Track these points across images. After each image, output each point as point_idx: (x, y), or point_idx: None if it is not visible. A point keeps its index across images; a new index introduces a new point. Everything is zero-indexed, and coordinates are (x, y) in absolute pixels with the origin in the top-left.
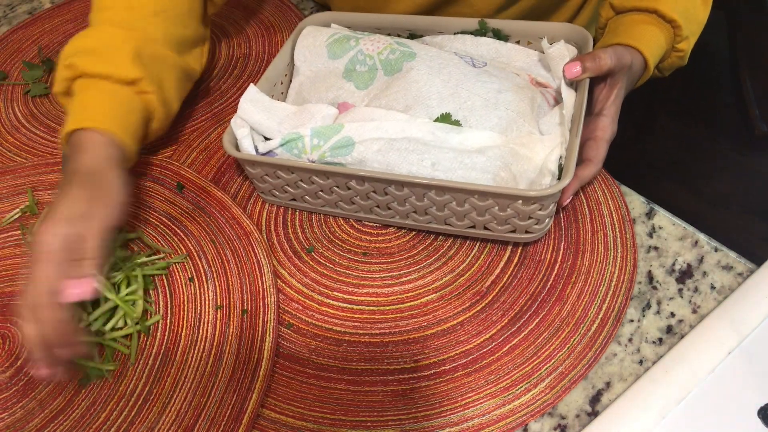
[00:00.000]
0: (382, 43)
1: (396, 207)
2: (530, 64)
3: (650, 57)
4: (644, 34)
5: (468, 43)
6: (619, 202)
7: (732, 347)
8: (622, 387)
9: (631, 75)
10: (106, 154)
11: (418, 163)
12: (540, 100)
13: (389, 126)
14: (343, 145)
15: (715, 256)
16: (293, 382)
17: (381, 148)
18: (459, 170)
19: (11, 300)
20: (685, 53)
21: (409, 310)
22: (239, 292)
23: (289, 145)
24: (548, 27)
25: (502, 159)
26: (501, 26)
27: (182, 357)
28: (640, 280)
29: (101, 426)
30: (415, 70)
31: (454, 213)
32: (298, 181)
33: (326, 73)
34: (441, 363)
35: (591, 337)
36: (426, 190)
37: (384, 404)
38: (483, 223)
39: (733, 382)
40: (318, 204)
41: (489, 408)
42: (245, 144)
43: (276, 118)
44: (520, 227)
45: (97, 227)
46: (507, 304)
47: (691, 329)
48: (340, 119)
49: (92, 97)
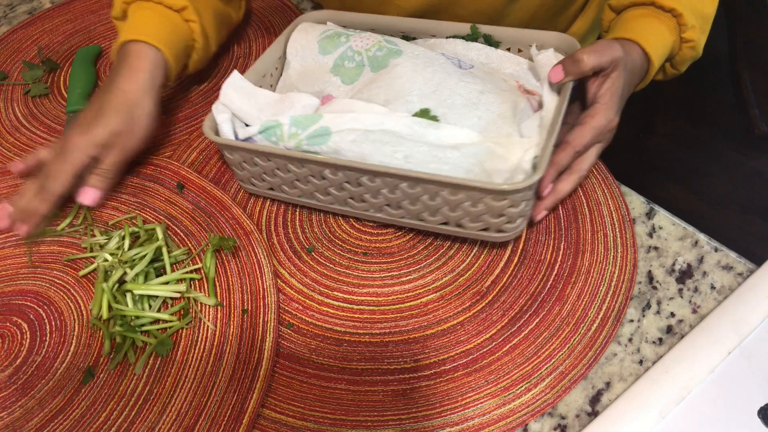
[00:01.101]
0: (372, 41)
1: (369, 199)
2: (520, 72)
3: (650, 47)
4: (642, 26)
5: (459, 47)
6: (619, 202)
7: (732, 347)
8: (622, 387)
9: (630, 68)
10: (149, 74)
11: (391, 155)
12: (524, 105)
13: (367, 118)
14: (319, 134)
15: (715, 256)
16: (294, 382)
17: (356, 139)
18: (432, 164)
19: (11, 300)
20: (695, 43)
21: (409, 309)
22: (239, 291)
23: (267, 132)
24: (538, 35)
25: (477, 156)
26: (492, 32)
27: (182, 357)
28: (640, 280)
29: (101, 426)
30: (400, 66)
31: (427, 207)
32: (275, 170)
33: (315, 67)
34: (441, 363)
35: (591, 337)
36: (398, 182)
37: (384, 404)
38: (455, 219)
39: (733, 382)
40: (294, 194)
41: (489, 408)
42: (225, 129)
43: (257, 105)
44: (492, 225)
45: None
46: (507, 303)
47: (691, 329)
48: (321, 110)
49: (146, 16)
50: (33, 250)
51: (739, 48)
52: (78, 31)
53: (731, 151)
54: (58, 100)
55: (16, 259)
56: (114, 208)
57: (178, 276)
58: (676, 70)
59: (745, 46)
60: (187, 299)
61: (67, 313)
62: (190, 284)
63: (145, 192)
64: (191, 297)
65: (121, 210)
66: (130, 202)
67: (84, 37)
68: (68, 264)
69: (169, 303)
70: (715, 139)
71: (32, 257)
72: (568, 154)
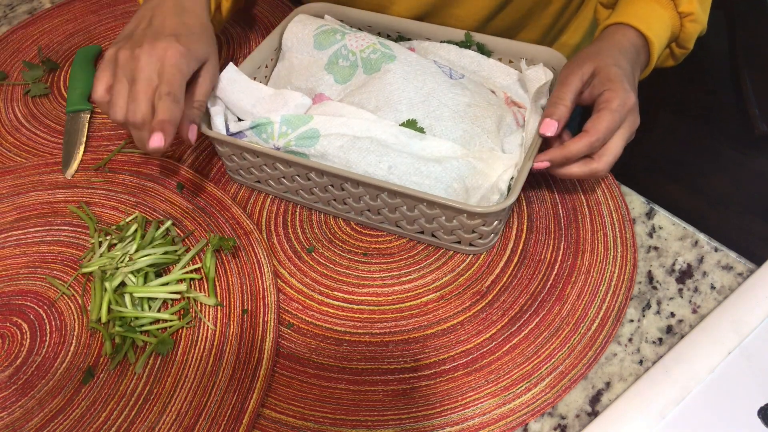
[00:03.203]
0: (366, 42)
1: (351, 203)
2: (509, 83)
3: (642, 26)
4: (633, 8)
5: (453, 53)
6: (619, 202)
7: (732, 347)
8: (622, 387)
9: (626, 50)
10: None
11: (375, 164)
12: (510, 119)
13: (355, 123)
14: (309, 136)
15: (715, 256)
16: (294, 382)
17: (343, 145)
18: (414, 176)
19: (11, 300)
20: (696, 15)
21: (409, 309)
22: (239, 291)
23: (258, 129)
24: (529, 48)
25: (458, 171)
26: (485, 41)
27: (182, 357)
28: (640, 280)
29: (101, 426)
30: (392, 73)
31: (405, 217)
32: (263, 165)
33: (310, 62)
34: (441, 362)
35: (591, 337)
36: (379, 192)
37: (384, 404)
38: (431, 230)
39: (733, 382)
40: (280, 189)
41: (489, 407)
42: (217, 122)
43: (251, 100)
44: (464, 239)
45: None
46: (507, 303)
47: (691, 329)
48: (312, 110)
49: None
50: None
51: (739, 48)
52: (78, 31)
53: (731, 151)
54: (58, 100)
55: (17, 259)
56: (113, 208)
57: (177, 276)
58: (684, 48)
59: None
60: (187, 299)
61: (67, 313)
62: (190, 284)
63: (145, 192)
64: (191, 297)
65: (120, 210)
66: (129, 202)
67: (84, 37)
68: (68, 264)
69: (169, 303)
70: (715, 139)
71: None
72: (583, 143)
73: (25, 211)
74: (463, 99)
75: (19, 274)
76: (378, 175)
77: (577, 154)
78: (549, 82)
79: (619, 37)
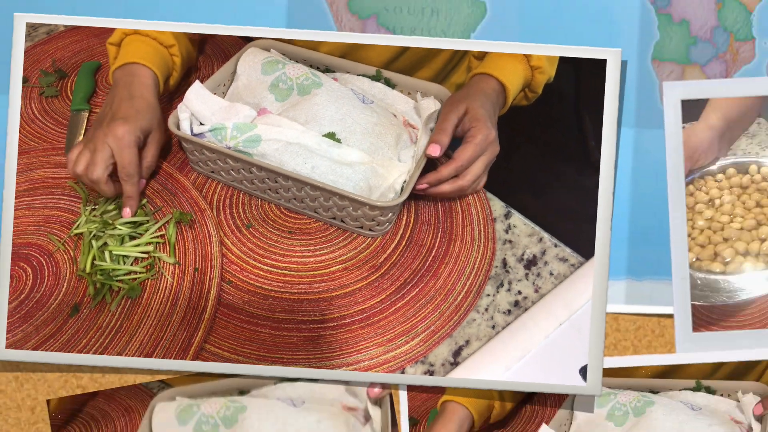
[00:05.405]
0: (301, 71)
1: (282, 193)
2: (407, 109)
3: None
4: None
5: (366, 84)
6: (485, 204)
7: (563, 320)
8: (478, 345)
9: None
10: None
11: (302, 164)
12: (405, 137)
13: (288, 132)
14: (253, 140)
15: (554, 251)
16: (230, 325)
17: (279, 148)
18: (330, 176)
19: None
20: (543, 68)
21: (320, 276)
22: (193, 254)
23: (215, 132)
24: (423, 84)
25: (364, 173)
26: (391, 77)
27: (147, 301)
28: (496, 265)
29: (83, 348)
30: (318, 96)
31: (322, 206)
32: (217, 160)
33: (257, 84)
34: (342, 318)
35: (457, 305)
36: (303, 185)
37: (297, 346)
38: (341, 217)
39: (562, 347)
40: (229, 179)
41: (377, 354)
42: (184, 125)
43: (210, 109)
44: (366, 225)
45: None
46: (395, 276)
47: (533, 304)
48: (257, 121)
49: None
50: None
51: (583, 93)
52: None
53: (572, 172)
54: (65, 101)
55: (26, 218)
56: None
57: (147, 240)
58: (534, 92)
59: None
60: (153, 257)
61: (61, 263)
62: (156, 246)
63: None
64: (156, 256)
65: None
66: None
67: (88, 54)
68: (65, 225)
69: (139, 260)
70: (560, 163)
71: None
72: (451, 167)
73: (35, 183)
74: (372, 119)
75: (27, 231)
76: (303, 172)
77: (447, 176)
78: (437, 110)
79: (483, 85)
